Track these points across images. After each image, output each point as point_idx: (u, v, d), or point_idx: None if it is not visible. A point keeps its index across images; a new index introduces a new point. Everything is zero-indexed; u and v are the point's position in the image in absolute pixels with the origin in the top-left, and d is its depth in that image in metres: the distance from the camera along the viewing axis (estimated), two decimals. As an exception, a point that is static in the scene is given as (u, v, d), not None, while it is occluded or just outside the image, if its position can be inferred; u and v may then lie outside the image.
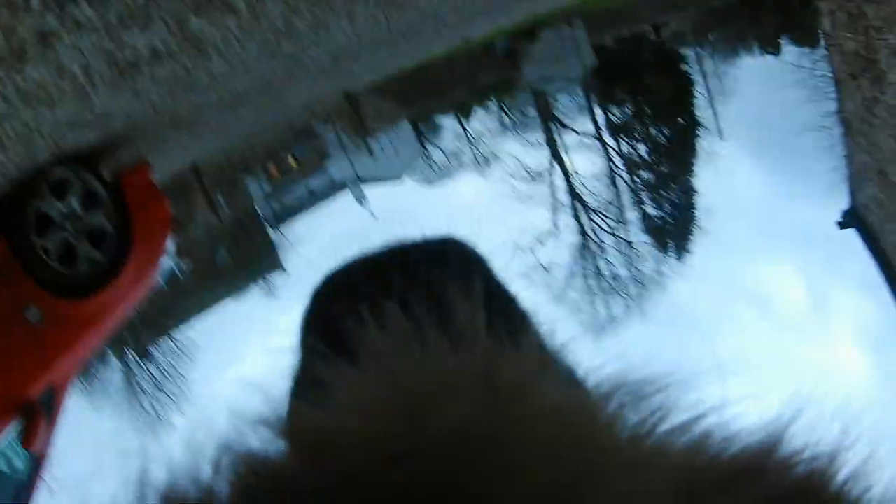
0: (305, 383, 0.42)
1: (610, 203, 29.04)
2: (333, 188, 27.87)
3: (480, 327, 0.39)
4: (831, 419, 0.36)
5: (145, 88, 3.18)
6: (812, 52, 30.96)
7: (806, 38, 33.96)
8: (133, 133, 4.07)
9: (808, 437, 0.35)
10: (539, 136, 29.86)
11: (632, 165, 31.28)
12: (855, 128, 11.33)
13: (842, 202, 12.59)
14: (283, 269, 25.45)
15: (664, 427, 0.36)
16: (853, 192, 12.19)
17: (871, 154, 10.66)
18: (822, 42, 12.69)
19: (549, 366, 0.42)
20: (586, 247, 27.72)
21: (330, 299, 0.54)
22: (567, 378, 0.41)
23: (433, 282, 0.45)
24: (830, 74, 12.82)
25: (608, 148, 30.75)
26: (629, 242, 27.85)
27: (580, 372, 0.41)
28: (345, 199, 28.34)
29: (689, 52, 34.77)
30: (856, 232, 11.91)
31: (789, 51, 38.98)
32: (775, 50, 40.76)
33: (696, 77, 33.00)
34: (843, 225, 12.39)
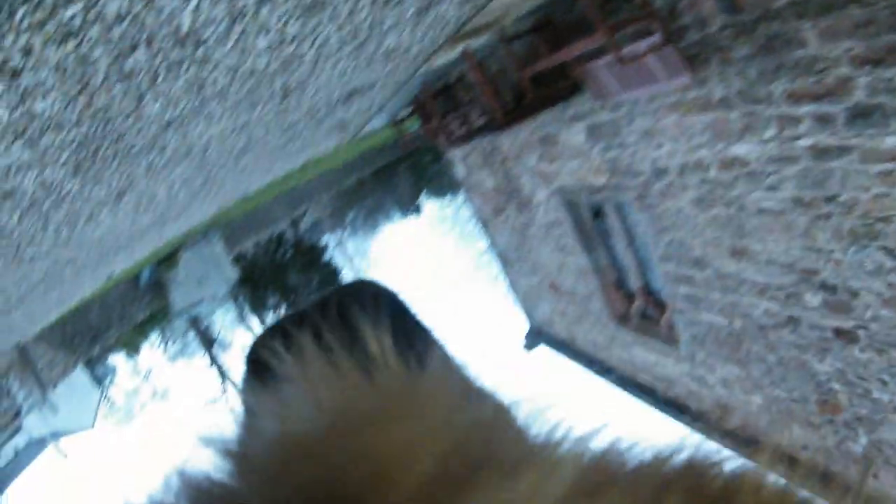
0: (245, 413, 0.47)
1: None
2: (35, 446, 25.68)
3: (389, 350, 0.44)
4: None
5: None
6: (453, 199, 32.75)
7: (445, 187, 35.42)
8: None
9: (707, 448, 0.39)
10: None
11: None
12: (512, 257, 11.94)
13: (522, 325, 13.09)
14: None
15: (573, 435, 0.40)
16: (528, 314, 12.74)
17: (537, 273, 11.24)
18: (461, 188, 13.20)
19: (455, 382, 0.47)
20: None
21: (261, 342, 0.58)
22: (475, 392, 0.46)
23: (346, 314, 0.52)
24: (475, 216, 13.27)
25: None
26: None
27: (486, 387, 0.45)
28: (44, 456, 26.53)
29: (329, 239, 37.43)
30: (546, 346, 12.45)
31: (430, 206, 41.11)
32: (416, 210, 42.91)
33: (341, 260, 35.65)
34: (529, 346, 12.87)
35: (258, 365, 0.51)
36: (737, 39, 5.08)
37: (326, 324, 0.47)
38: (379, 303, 0.60)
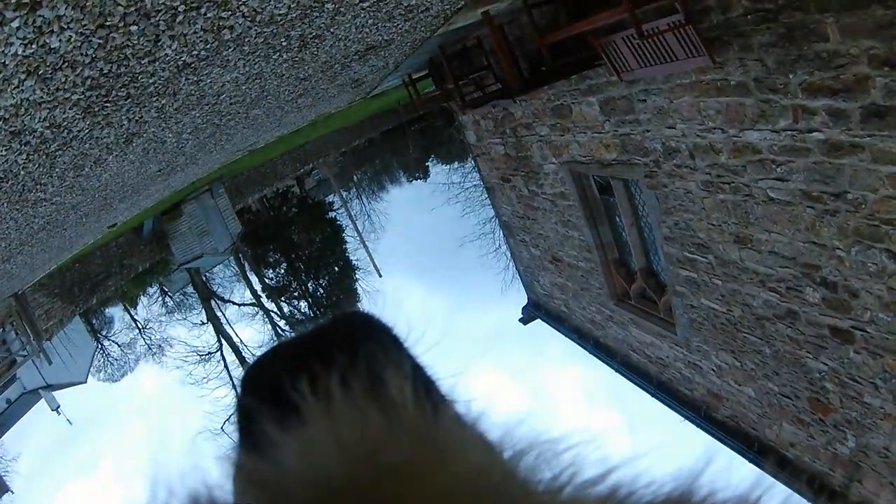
0: (252, 439, 0.47)
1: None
2: (28, 397, 26.20)
3: (409, 397, 0.45)
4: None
5: None
6: (461, 166, 31.79)
7: (453, 154, 35.10)
8: None
9: (713, 487, 0.40)
10: (203, 315, 30.73)
11: (295, 325, 32.30)
12: (516, 227, 11.96)
13: (520, 298, 13.23)
14: (10, 491, 24.88)
15: (577, 481, 0.41)
16: (528, 287, 12.80)
17: (539, 246, 11.27)
18: (470, 154, 13.12)
19: (467, 431, 0.47)
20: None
21: (275, 370, 0.59)
22: (483, 440, 0.45)
23: (366, 355, 0.52)
24: (482, 184, 13.20)
25: (270, 313, 32.17)
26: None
27: (495, 434, 0.45)
28: (39, 408, 27.06)
29: (334, 199, 36.39)
30: (543, 321, 12.53)
31: (438, 171, 40.32)
32: (423, 174, 42.32)
33: (345, 221, 34.61)
34: (526, 320, 13.01)
35: (268, 394, 0.52)
36: (759, 26, 5.03)
37: (343, 361, 0.48)
38: (398, 346, 0.61)
